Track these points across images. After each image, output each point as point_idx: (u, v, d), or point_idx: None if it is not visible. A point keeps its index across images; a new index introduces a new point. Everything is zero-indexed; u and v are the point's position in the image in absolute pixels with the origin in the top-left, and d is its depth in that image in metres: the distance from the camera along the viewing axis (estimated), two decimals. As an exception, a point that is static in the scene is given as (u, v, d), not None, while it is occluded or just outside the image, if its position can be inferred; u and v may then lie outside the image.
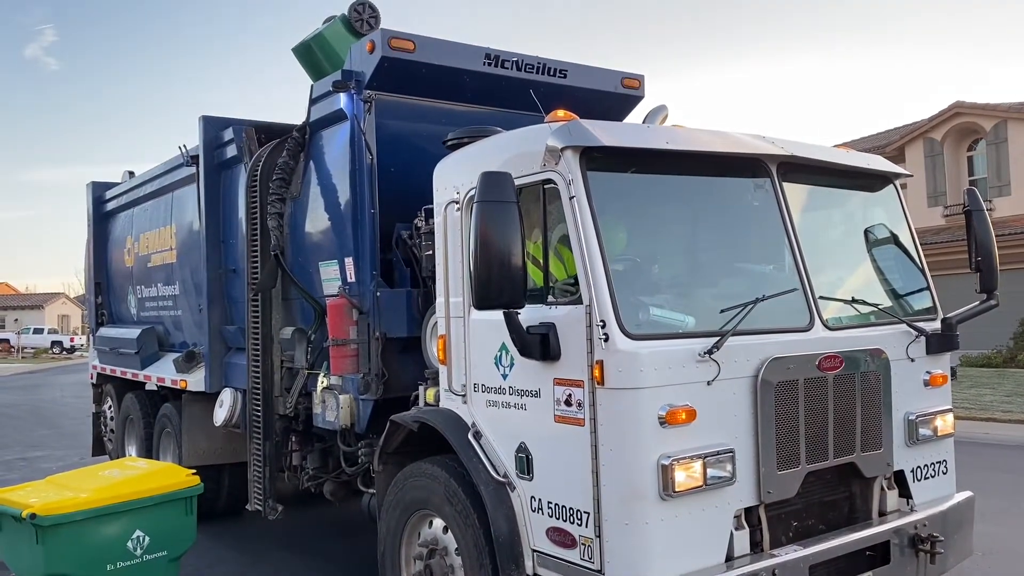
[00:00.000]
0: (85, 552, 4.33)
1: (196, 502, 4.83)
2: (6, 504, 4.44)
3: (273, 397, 6.53)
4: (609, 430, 3.68)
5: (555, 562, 3.96)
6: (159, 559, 4.61)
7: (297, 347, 6.38)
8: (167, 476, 4.89)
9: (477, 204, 3.78)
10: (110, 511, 4.42)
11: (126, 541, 4.47)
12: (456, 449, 4.40)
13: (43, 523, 4.17)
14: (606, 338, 3.65)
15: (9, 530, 4.46)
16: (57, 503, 4.31)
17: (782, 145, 4.49)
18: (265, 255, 6.53)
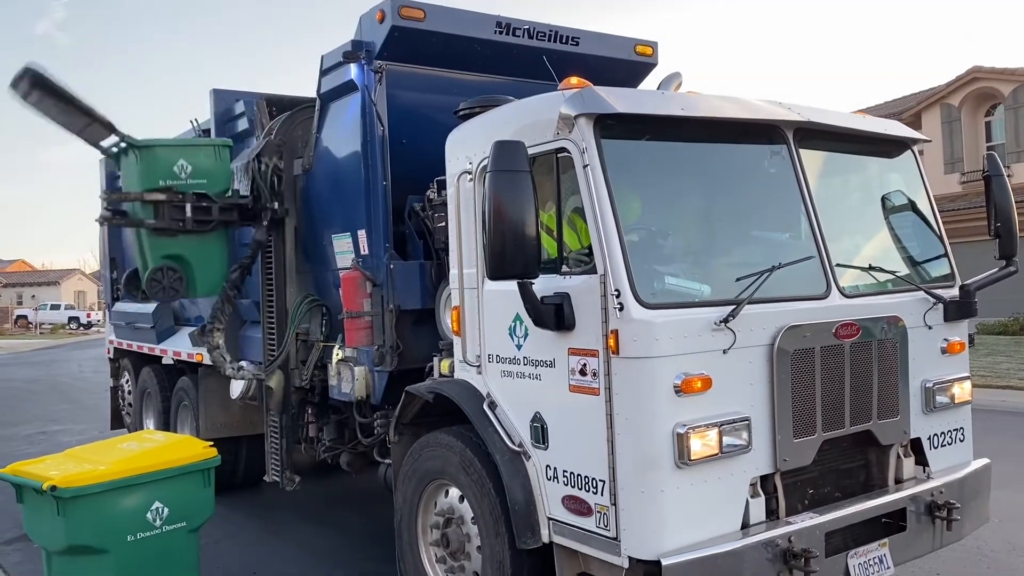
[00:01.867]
0: (105, 523, 4.37)
1: (214, 474, 4.88)
2: (27, 477, 4.47)
3: (289, 370, 6.56)
4: (624, 399, 3.67)
5: (571, 530, 3.98)
6: (178, 530, 4.64)
7: (312, 319, 6.40)
8: (184, 448, 4.92)
9: (490, 174, 3.76)
10: (129, 483, 4.45)
11: (145, 512, 4.51)
12: (471, 419, 4.41)
13: (63, 495, 4.21)
14: (621, 307, 3.63)
15: (31, 502, 4.52)
16: (77, 475, 4.34)
17: (799, 111, 4.42)
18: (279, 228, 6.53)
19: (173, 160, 6.18)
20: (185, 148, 6.52)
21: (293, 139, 6.60)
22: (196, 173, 6.25)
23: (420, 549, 4.91)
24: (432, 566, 4.87)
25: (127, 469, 4.47)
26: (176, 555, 4.64)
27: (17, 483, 4.58)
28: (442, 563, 4.79)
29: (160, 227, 6.33)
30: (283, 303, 6.61)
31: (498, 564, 4.29)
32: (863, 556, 4.09)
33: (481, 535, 4.40)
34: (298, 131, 6.62)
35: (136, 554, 4.45)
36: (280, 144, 6.59)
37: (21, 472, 4.59)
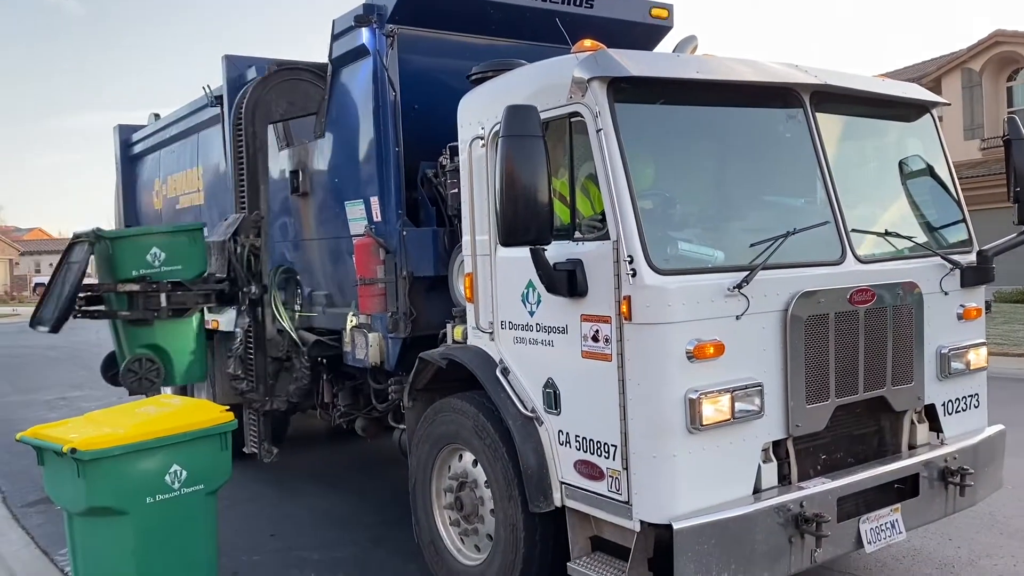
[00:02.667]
0: (125, 485, 4.43)
1: (230, 437, 4.94)
2: (48, 440, 4.52)
3: (265, 340, 6.55)
4: (636, 365, 3.67)
5: (583, 493, 4.01)
6: (196, 492, 4.69)
7: (286, 288, 6.43)
8: (201, 412, 4.95)
9: (502, 139, 3.73)
10: (147, 446, 4.50)
11: (164, 475, 4.55)
12: (484, 385, 4.43)
13: (83, 457, 4.26)
14: (633, 273, 3.62)
15: (52, 465, 4.58)
16: (96, 438, 4.39)
17: (815, 74, 4.36)
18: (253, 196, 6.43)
19: (145, 249, 6.11)
20: (157, 236, 6.48)
21: (266, 103, 6.45)
22: (170, 259, 6.19)
23: (434, 512, 4.97)
24: (446, 528, 4.93)
25: (146, 432, 4.52)
26: (194, 517, 4.68)
27: (38, 446, 4.60)
28: (456, 525, 4.85)
29: (135, 318, 6.26)
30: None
31: (511, 527, 4.34)
32: (875, 521, 4.11)
33: (494, 499, 4.45)
34: (271, 95, 6.46)
35: (155, 515, 4.48)
36: (257, 220, 6.41)
37: (42, 435, 4.63)
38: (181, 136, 9.24)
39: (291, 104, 6.50)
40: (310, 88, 6.47)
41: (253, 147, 6.40)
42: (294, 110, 6.54)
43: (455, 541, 4.88)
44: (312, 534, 6.32)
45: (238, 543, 6.00)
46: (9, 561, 5.91)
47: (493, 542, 4.52)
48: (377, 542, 6.05)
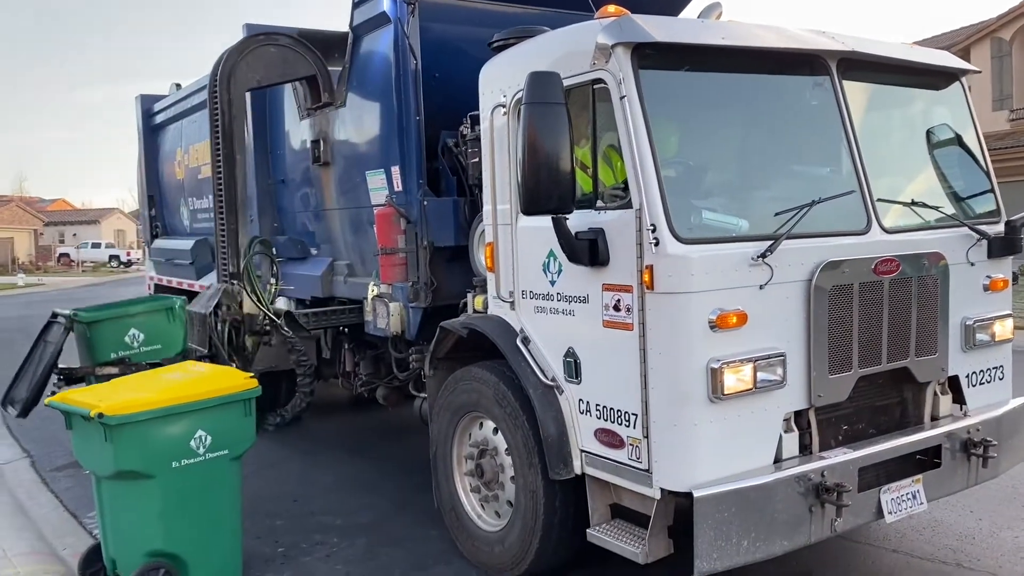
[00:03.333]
0: (151, 450, 4.45)
1: (254, 404, 4.99)
2: (76, 404, 4.53)
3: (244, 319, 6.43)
4: (658, 335, 3.67)
5: (603, 461, 4.03)
6: (221, 457, 4.73)
7: (262, 262, 6.44)
8: (226, 379, 4.99)
9: (524, 106, 3.71)
10: (173, 411, 4.51)
11: (189, 440, 4.58)
12: (505, 354, 4.45)
13: (110, 422, 4.29)
14: (656, 242, 3.60)
15: (80, 429, 4.64)
16: (123, 403, 4.40)
17: (843, 41, 4.29)
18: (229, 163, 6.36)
19: (124, 330, 6.04)
20: (136, 316, 6.39)
21: (243, 69, 6.36)
22: (149, 339, 6.13)
23: (455, 479, 5.02)
24: (467, 495, 4.98)
25: (171, 398, 4.54)
26: (218, 481, 4.73)
27: (66, 410, 4.64)
28: (476, 492, 4.90)
29: None
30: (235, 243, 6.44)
31: (531, 494, 4.37)
32: (896, 492, 4.10)
33: (515, 466, 4.48)
34: (248, 60, 6.38)
35: (181, 480, 4.55)
36: (238, 292, 6.28)
37: (70, 400, 4.66)
38: (202, 106, 9.14)
39: (269, 70, 6.42)
40: (288, 54, 6.41)
41: (229, 114, 6.29)
42: (273, 76, 6.48)
43: (475, 507, 4.94)
44: (334, 500, 6.40)
45: (261, 508, 6.09)
46: (39, 523, 6.02)
47: (513, 508, 4.56)
48: (399, 508, 6.12)
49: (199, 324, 6.60)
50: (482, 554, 4.82)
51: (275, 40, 6.41)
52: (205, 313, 6.45)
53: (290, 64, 6.39)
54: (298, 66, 6.43)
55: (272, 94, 7.57)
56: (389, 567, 5.10)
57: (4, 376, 6.54)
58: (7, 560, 5.13)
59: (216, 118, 6.35)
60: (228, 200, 6.37)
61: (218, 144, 6.38)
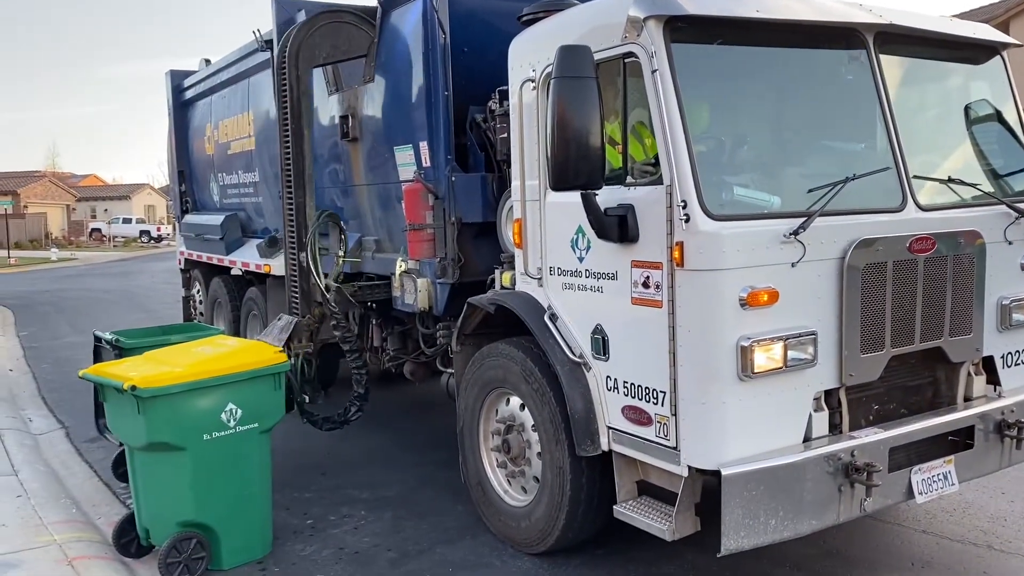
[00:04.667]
0: (183, 422, 4.52)
1: (284, 378, 5.07)
2: (109, 377, 4.60)
3: (310, 284, 6.49)
4: (688, 312, 3.64)
5: (630, 439, 4.03)
6: (251, 431, 4.77)
7: (331, 233, 6.44)
8: (256, 353, 5.02)
9: (554, 80, 3.68)
10: (204, 385, 4.58)
11: (220, 413, 4.65)
12: (532, 331, 4.44)
13: (143, 395, 4.34)
14: (687, 219, 3.56)
15: (113, 401, 4.68)
16: (155, 376, 4.46)
17: (880, 13, 4.19)
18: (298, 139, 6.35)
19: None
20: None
21: (310, 47, 6.34)
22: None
23: (481, 454, 5.05)
24: (493, 470, 5.01)
25: (202, 371, 4.60)
26: (249, 454, 4.80)
27: (100, 383, 4.74)
28: (503, 467, 4.92)
29: None
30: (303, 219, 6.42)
31: (558, 470, 4.39)
32: (927, 472, 4.06)
33: (541, 442, 4.49)
34: (315, 38, 6.35)
35: (211, 452, 4.62)
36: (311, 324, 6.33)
37: (103, 372, 4.74)
38: (232, 81, 9.29)
39: (334, 47, 6.40)
40: (354, 31, 6.39)
41: (297, 91, 6.31)
42: (337, 53, 6.45)
43: (502, 483, 4.96)
44: (362, 473, 6.48)
45: (290, 480, 6.18)
46: (74, 492, 6.14)
47: (540, 484, 4.58)
48: (424, 482, 6.18)
49: None
50: (508, 529, 4.85)
51: (341, 17, 6.39)
52: (278, 347, 6.50)
53: (355, 41, 6.38)
54: (361, 43, 6.41)
55: (301, 69, 7.56)
56: (416, 540, 5.16)
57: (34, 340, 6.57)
58: (44, 528, 5.25)
59: (284, 94, 6.38)
60: (296, 174, 6.41)
61: (286, 120, 6.41)
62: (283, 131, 6.46)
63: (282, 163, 6.50)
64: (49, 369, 11.23)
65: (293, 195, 6.41)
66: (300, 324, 6.37)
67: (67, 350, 12.50)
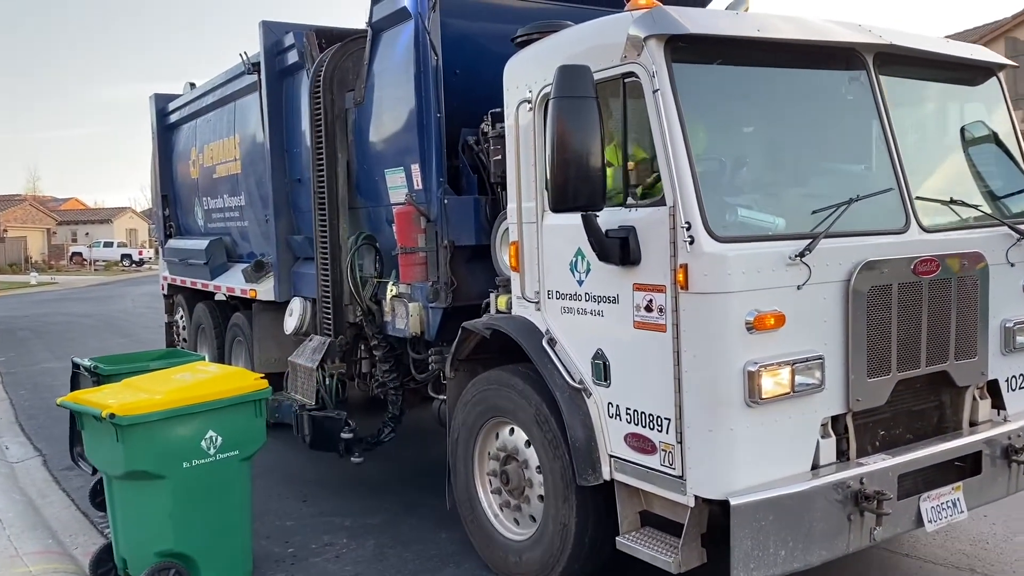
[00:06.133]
0: (161, 450, 4.46)
1: (265, 405, 5.01)
2: (87, 404, 4.55)
3: (343, 305, 6.54)
4: (693, 336, 3.55)
5: (633, 467, 3.91)
6: (231, 458, 4.71)
7: (365, 256, 6.34)
8: (236, 379, 4.96)
9: (553, 100, 3.61)
10: (184, 412, 4.52)
11: (200, 440, 4.59)
12: (530, 356, 4.33)
13: (122, 423, 4.29)
14: (691, 240, 3.48)
15: (91, 429, 4.62)
16: (134, 404, 4.40)
17: (879, 34, 4.16)
18: (331, 163, 6.42)
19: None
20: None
21: (344, 71, 6.46)
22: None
23: (476, 485, 4.91)
24: (488, 499, 4.86)
25: (182, 399, 4.54)
26: (229, 482, 4.74)
27: (78, 411, 4.68)
28: (497, 493, 4.78)
29: None
30: (336, 239, 6.54)
31: (562, 501, 4.24)
32: (936, 500, 3.97)
33: (545, 479, 4.34)
34: (349, 63, 6.46)
35: (191, 480, 4.56)
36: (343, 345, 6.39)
37: (81, 400, 4.68)
38: (218, 104, 9.19)
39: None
40: None
41: (332, 114, 6.34)
42: None
43: (495, 509, 4.82)
44: (344, 500, 6.36)
45: (271, 508, 6.08)
46: (51, 522, 5.99)
47: (541, 520, 4.43)
48: (408, 509, 6.08)
49: (304, 377, 6.58)
50: (501, 560, 4.70)
51: None
52: (312, 367, 6.45)
53: None
54: None
55: (289, 90, 7.49)
56: (399, 568, 5.06)
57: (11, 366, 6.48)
58: (19, 559, 5.12)
59: (318, 118, 6.41)
60: (330, 197, 6.42)
61: (320, 143, 6.43)
62: (316, 154, 6.50)
63: (315, 186, 6.56)
64: (27, 395, 11.04)
65: (327, 217, 6.44)
66: (333, 345, 6.35)
67: (45, 376, 12.34)
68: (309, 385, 6.55)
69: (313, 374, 6.48)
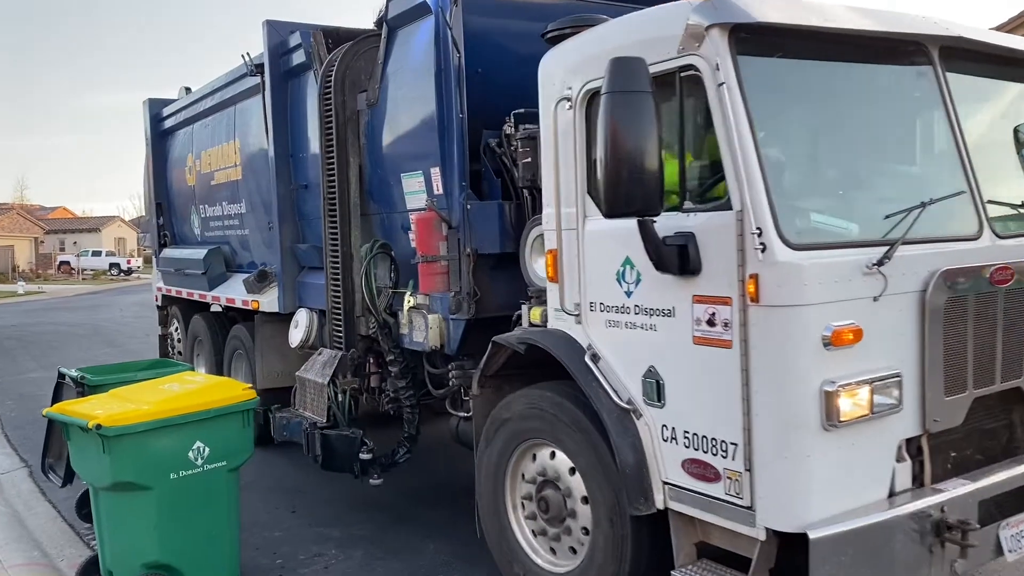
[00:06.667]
0: (148, 461, 4.45)
1: (252, 415, 4.94)
2: (73, 415, 4.53)
3: (355, 317, 6.20)
4: (765, 353, 3.23)
5: (692, 496, 3.59)
6: (219, 469, 4.71)
7: (380, 265, 6.00)
8: (224, 390, 4.95)
9: (606, 96, 3.30)
10: (171, 423, 4.52)
11: (187, 451, 4.58)
12: (572, 373, 4.01)
13: (108, 433, 4.28)
14: (763, 248, 3.17)
15: (77, 440, 4.59)
16: (120, 414, 4.39)
17: (947, 26, 3.87)
18: (343, 168, 6.10)
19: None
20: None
21: (356, 71, 6.13)
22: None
23: (507, 509, 4.57)
24: (520, 525, 4.53)
25: (169, 409, 4.54)
26: (217, 493, 4.73)
27: (64, 421, 4.65)
28: (532, 519, 4.44)
29: None
30: (348, 248, 6.21)
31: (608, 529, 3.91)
32: (1016, 527, 3.67)
33: (591, 503, 4.01)
34: (360, 62, 6.13)
35: (178, 491, 4.55)
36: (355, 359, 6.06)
37: (67, 411, 4.66)
38: (217, 108, 8.84)
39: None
40: None
41: (343, 117, 6.01)
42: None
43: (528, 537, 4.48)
44: (333, 512, 6.28)
45: (260, 519, 6.04)
46: (36, 533, 5.94)
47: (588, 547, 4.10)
48: (397, 519, 6.01)
49: (315, 393, 6.26)
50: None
51: None
52: (322, 382, 6.12)
53: None
54: None
55: (295, 92, 7.17)
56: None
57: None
58: (4, 571, 5.05)
59: (329, 121, 6.08)
60: (341, 203, 6.10)
61: (330, 148, 6.10)
62: (327, 159, 6.17)
63: (325, 192, 6.24)
64: (13, 406, 10.85)
65: (338, 225, 6.12)
66: (345, 358, 6.05)
67: (32, 386, 12.09)
68: (319, 401, 6.20)
69: (324, 390, 6.14)
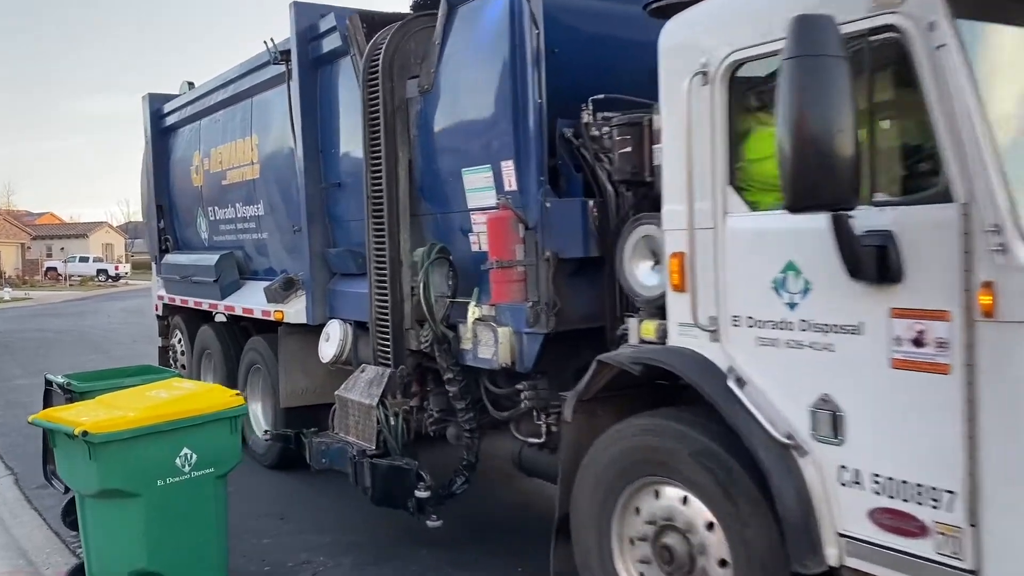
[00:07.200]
0: (135, 468, 4.45)
1: (240, 422, 4.92)
2: (60, 422, 4.52)
3: (404, 330, 5.52)
4: (1000, 381, 2.60)
5: (884, 554, 2.93)
6: (207, 476, 4.70)
7: (435, 271, 5.30)
8: (212, 397, 4.96)
9: (788, 62, 2.68)
10: (158, 429, 4.51)
11: (174, 458, 4.58)
12: (712, 400, 3.35)
13: (94, 440, 4.28)
14: (1002, 249, 2.55)
15: (64, 447, 4.58)
16: (107, 421, 4.39)
17: None
18: (390, 163, 5.43)
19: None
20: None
21: (405, 54, 5.47)
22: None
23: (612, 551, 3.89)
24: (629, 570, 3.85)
25: (156, 416, 4.54)
26: (204, 500, 4.71)
27: (50, 428, 4.66)
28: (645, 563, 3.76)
29: None
30: (396, 253, 5.53)
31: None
32: None
33: (736, 561, 3.34)
34: (411, 44, 5.47)
35: (166, 498, 4.54)
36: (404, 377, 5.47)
37: (54, 418, 4.66)
38: (230, 102, 8.14)
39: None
40: None
41: (391, 105, 5.37)
42: None
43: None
44: (322, 517, 6.22)
45: (249, 526, 5.95)
46: (22, 541, 5.91)
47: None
48: (387, 526, 5.83)
49: (361, 415, 5.60)
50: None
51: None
52: (371, 404, 5.45)
53: None
54: None
55: (326, 81, 6.49)
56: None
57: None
58: None
59: (375, 111, 5.45)
60: (389, 203, 5.47)
61: (376, 141, 5.48)
62: (372, 153, 5.55)
63: (369, 191, 5.60)
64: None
65: (384, 227, 5.50)
66: (395, 376, 5.45)
67: (18, 393, 11.83)
68: (367, 425, 5.51)
69: (372, 412, 5.44)
